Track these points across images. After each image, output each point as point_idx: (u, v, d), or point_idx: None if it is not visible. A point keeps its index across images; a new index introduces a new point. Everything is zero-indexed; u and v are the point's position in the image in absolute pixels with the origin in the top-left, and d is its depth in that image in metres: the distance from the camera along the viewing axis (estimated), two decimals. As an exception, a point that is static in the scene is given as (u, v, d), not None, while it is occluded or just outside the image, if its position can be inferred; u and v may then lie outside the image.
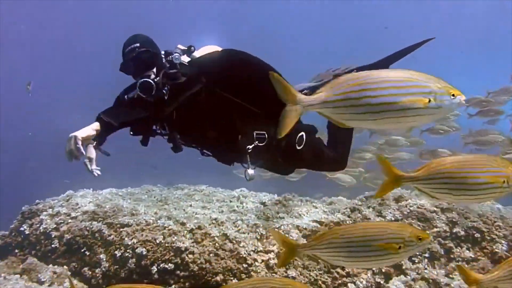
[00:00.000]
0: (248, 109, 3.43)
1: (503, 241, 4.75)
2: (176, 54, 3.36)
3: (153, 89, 3.19)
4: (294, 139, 3.62)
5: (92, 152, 3.19)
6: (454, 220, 4.97)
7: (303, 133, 3.66)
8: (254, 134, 3.48)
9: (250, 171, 3.54)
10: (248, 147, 3.43)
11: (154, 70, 3.29)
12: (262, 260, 4.70)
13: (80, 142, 2.81)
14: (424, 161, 6.56)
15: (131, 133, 3.50)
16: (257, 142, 3.47)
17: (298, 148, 3.66)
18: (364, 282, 4.51)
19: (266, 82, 3.57)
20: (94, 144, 3.25)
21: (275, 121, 3.58)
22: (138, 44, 3.32)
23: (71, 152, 2.80)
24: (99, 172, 3.06)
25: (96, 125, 2.95)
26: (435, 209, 5.22)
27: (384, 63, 4.11)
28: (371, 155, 8.35)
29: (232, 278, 4.54)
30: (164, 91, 3.20)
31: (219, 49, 3.71)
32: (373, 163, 8.50)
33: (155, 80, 3.23)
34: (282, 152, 3.65)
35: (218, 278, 4.54)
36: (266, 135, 3.49)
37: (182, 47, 3.45)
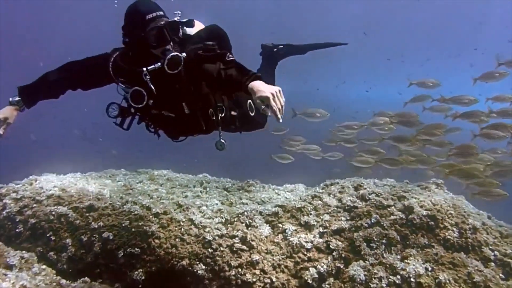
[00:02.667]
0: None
1: (454, 229, 5.01)
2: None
3: (181, 64, 3.28)
4: (246, 107, 4.00)
5: (13, 116, 3.23)
6: (410, 207, 5.20)
7: (249, 100, 4.02)
8: (217, 106, 3.67)
9: (222, 141, 3.78)
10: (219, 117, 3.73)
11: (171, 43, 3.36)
12: (227, 245, 4.82)
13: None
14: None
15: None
16: (220, 114, 3.66)
17: (252, 114, 4.05)
18: (325, 267, 4.68)
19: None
20: (22, 107, 3.30)
21: (228, 93, 3.82)
22: (162, 13, 3.32)
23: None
24: (1, 133, 3.16)
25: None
26: (392, 197, 5.44)
27: (302, 49, 5.09)
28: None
29: (198, 262, 4.65)
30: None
31: (202, 25, 3.84)
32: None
33: (182, 55, 3.32)
34: (239, 119, 3.99)
35: (184, 262, 4.64)
36: (223, 107, 3.76)
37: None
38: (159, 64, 3.28)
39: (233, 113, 3.98)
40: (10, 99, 3.34)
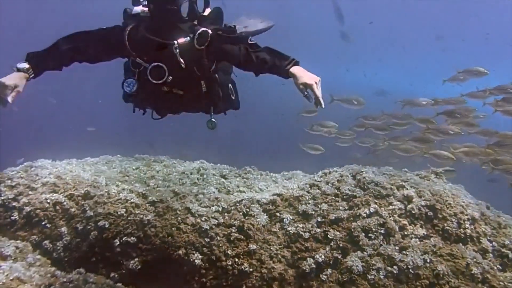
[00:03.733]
0: None
1: (453, 219, 4.97)
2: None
3: (207, 41, 3.36)
4: (227, 90, 4.05)
5: (22, 84, 3.06)
6: (409, 197, 5.16)
7: (230, 85, 4.11)
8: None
9: (213, 120, 3.92)
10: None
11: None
12: (224, 234, 4.79)
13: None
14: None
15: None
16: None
17: (232, 97, 4.14)
18: (323, 257, 4.65)
19: None
20: (30, 76, 3.13)
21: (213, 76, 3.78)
22: None
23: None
24: (10, 101, 2.93)
25: None
26: (391, 186, 5.39)
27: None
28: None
29: (194, 252, 4.62)
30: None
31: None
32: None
33: (208, 31, 3.37)
34: (223, 100, 3.97)
35: (180, 251, 4.61)
36: None
37: None
38: (188, 38, 3.32)
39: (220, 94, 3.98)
40: (18, 65, 3.10)
